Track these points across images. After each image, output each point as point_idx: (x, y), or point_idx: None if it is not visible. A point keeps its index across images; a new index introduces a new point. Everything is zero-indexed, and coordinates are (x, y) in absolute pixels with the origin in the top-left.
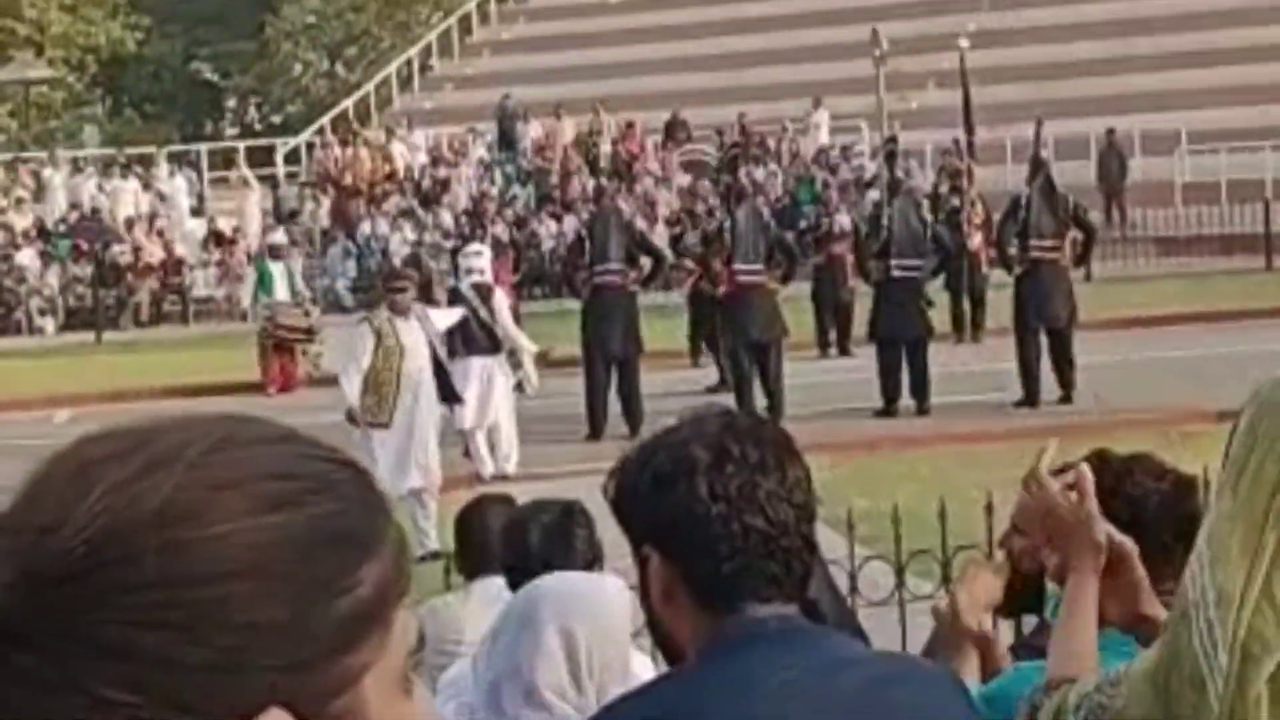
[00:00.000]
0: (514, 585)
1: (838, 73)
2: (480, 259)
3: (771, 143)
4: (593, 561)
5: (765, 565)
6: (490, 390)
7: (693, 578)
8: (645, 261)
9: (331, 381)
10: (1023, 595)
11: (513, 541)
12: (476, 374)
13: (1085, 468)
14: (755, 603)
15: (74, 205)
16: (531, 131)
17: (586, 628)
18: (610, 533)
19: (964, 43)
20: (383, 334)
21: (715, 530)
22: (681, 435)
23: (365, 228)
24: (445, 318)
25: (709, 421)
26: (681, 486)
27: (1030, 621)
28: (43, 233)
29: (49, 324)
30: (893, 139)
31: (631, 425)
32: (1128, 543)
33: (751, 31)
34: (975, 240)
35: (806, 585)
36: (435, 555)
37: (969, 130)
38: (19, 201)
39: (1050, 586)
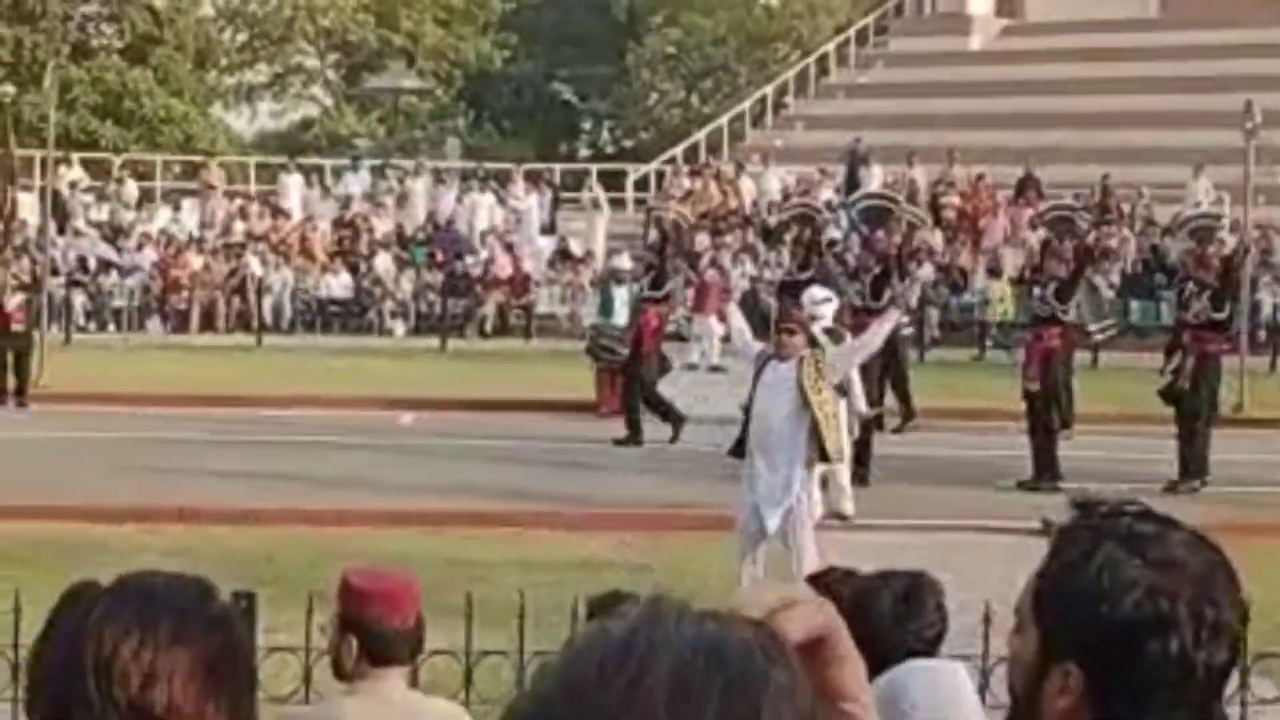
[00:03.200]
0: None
1: (1203, 141)
2: (829, 306)
3: (1126, 207)
4: (941, 634)
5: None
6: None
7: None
8: None
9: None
10: None
11: (861, 610)
12: None
13: None
14: None
15: (432, 215)
16: (876, 177)
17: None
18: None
19: None
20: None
21: (1166, 689)
22: (1161, 578)
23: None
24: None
25: (1190, 565)
26: (1154, 644)
27: None
28: (401, 239)
29: (399, 327)
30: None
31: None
32: None
33: (1112, 92)
34: None
35: None
36: None
37: None
38: (380, 207)
39: None
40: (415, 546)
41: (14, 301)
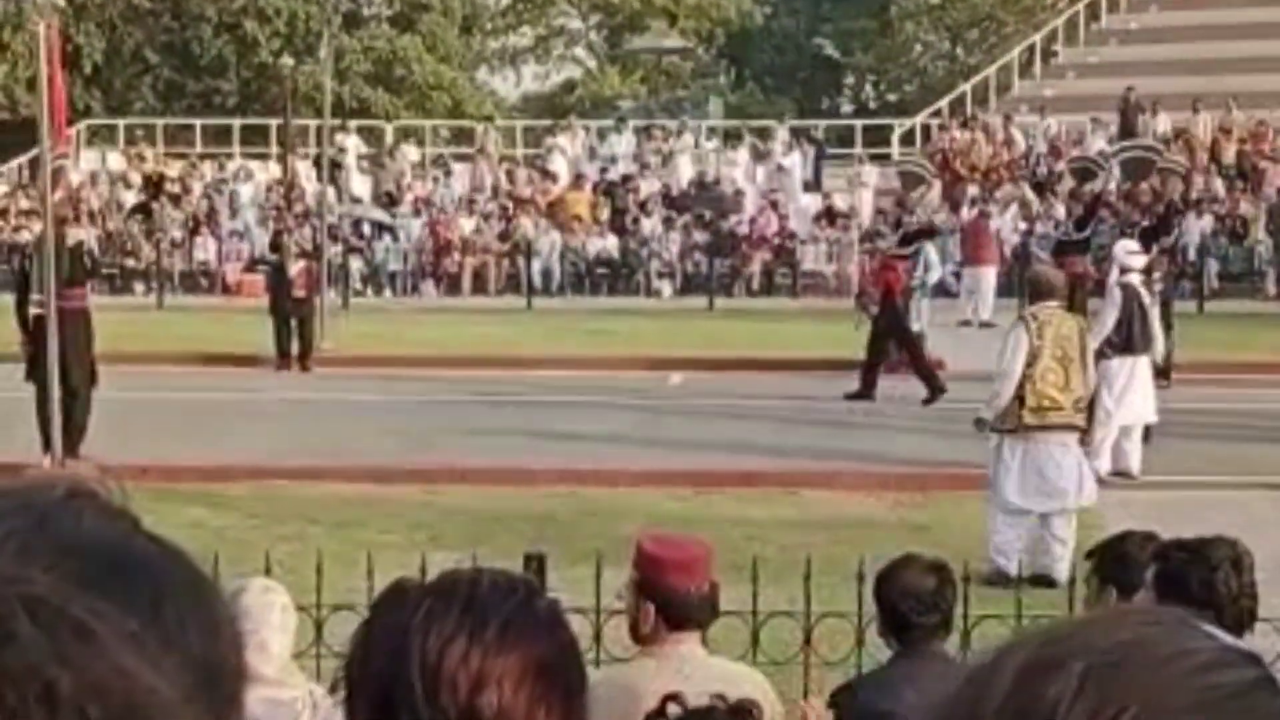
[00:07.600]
0: None
1: None
2: (1139, 258)
3: None
4: (1254, 609)
5: None
6: (1137, 389)
7: None
8: None
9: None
10: None
11: (1197, 581)
12: (1132, 371)
13: None
14: None
15: (697, 174)
16: (1158, 125)
17: None
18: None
19: None
20: (1033, 335)
21: None
22: None
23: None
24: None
25: None
26: None
27: None
28: (667, 199)
29: (666, 288)
30: None
31: None
32: None
33: None
34: None
35: None
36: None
37: None
38: (645, 168)
39: None
40: (688, 506)
41: (296, 268)
